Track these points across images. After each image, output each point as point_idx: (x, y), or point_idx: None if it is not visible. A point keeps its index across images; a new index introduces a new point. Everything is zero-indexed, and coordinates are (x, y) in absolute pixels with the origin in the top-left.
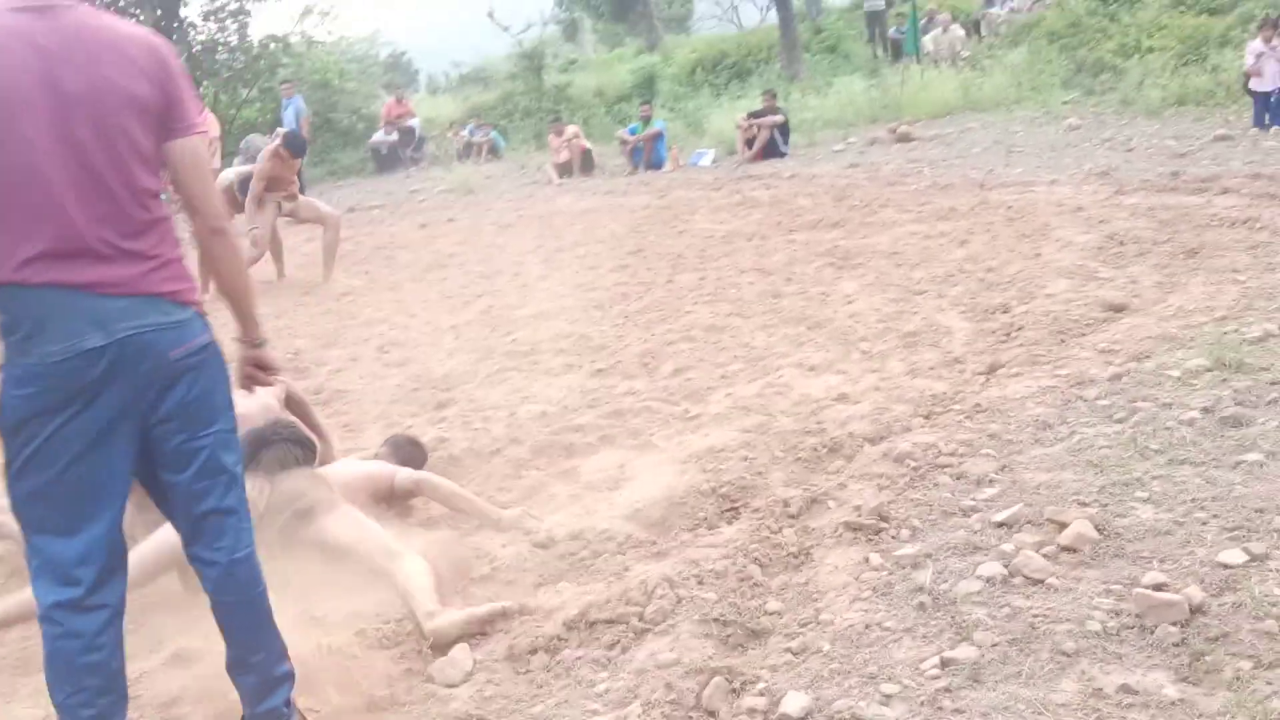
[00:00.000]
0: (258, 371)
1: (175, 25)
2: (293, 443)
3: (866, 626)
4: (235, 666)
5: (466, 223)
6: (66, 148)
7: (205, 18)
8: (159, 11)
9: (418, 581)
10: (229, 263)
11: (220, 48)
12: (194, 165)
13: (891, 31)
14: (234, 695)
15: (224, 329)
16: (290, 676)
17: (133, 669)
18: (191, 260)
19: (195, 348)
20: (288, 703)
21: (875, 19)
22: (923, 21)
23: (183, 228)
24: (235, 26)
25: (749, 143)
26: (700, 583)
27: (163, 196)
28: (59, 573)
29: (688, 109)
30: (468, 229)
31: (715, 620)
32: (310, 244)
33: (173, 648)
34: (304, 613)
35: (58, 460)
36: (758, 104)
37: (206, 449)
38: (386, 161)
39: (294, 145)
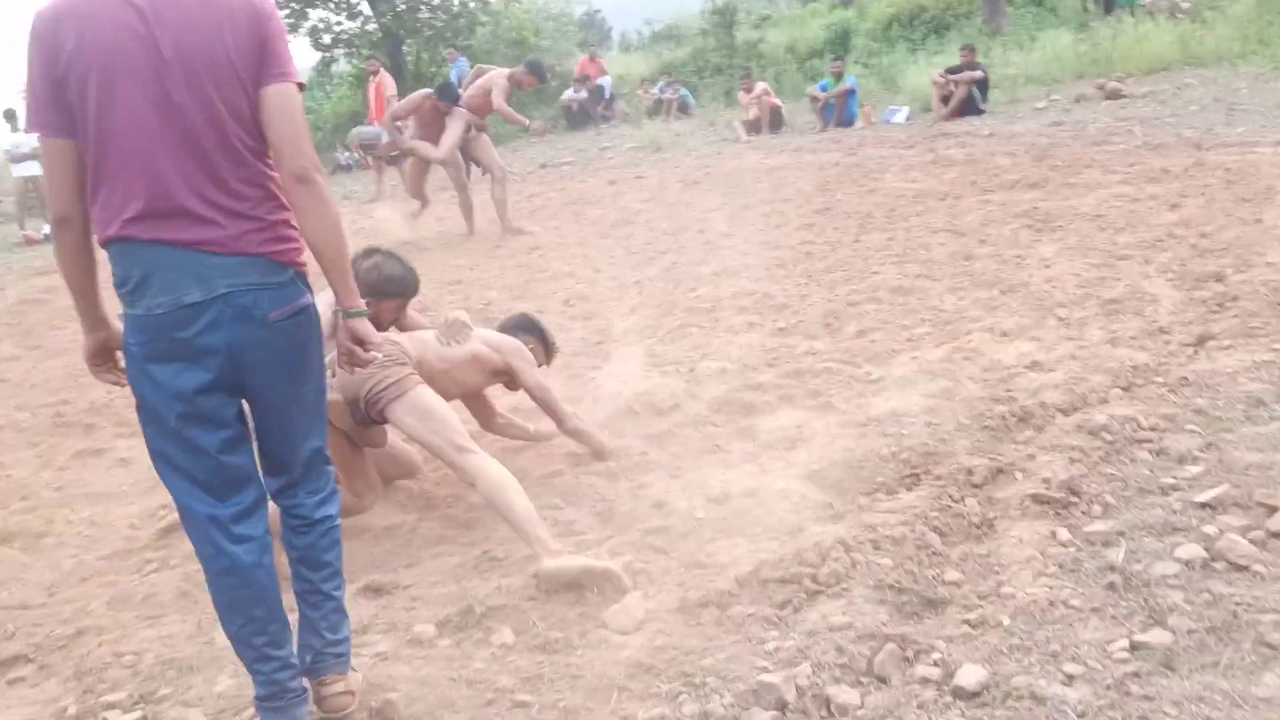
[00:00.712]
0: (355, 347)
1: None
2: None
3: (1051, 603)
4: (308, 595)
5: (654, 179)
6: (165, 109)
7: None
8: None
9: (529, 511)
10: (316, 214)
11: (423, 7)
12: (282, 110)
13: None
14: (419, 627)
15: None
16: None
17: None
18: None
19: (295, 309)
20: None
21: None
22: None
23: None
24: None
25: (945, 99)
26: (876, 548)
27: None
28: (212, 529)
29: (882, 65)
30: (655, 186)
31: (890, 586)
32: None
33: (364, 579)
34: (485, 554)
35: (171, 409)
36: (955, 59)
37: (298, 406)
38: (578, 119)
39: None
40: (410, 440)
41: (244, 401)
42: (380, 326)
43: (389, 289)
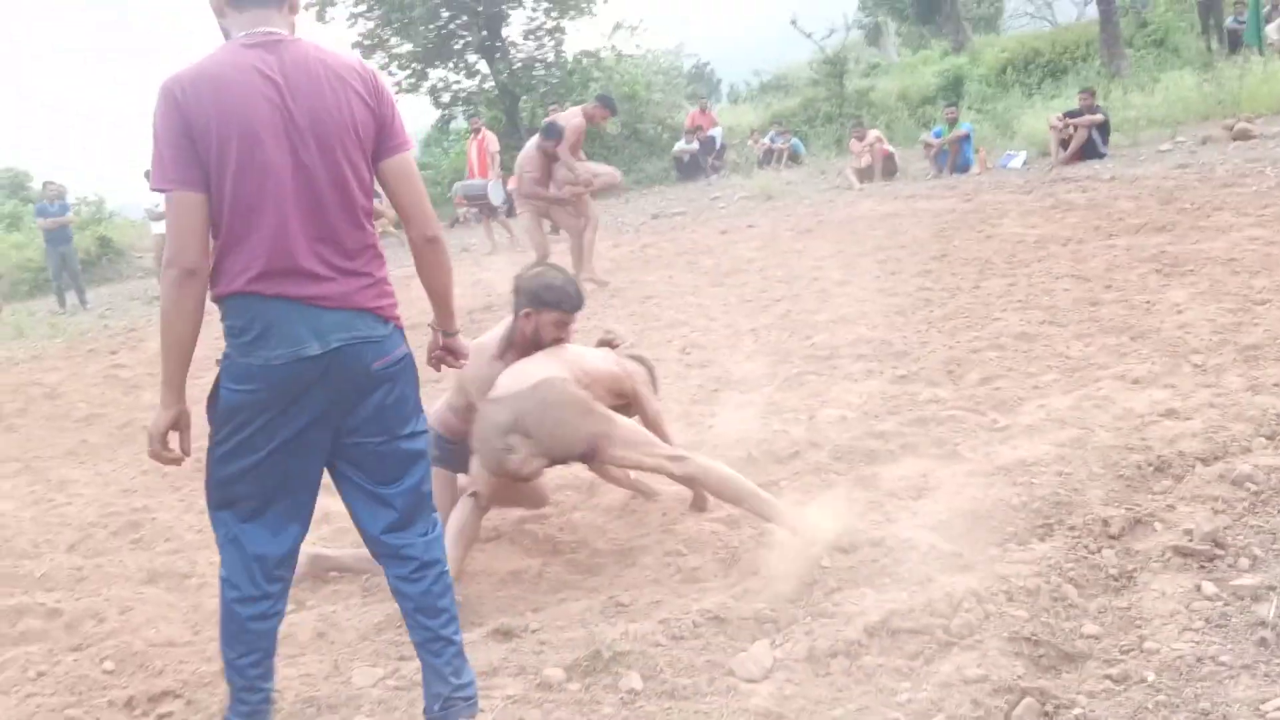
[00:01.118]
0: (447, 355)
1: (498, 44)
2: None
3: (1198, 659)
4: (429, 644)
5: (766, 228)
6: (297, 174)
7: (525, 36)
8: (484, 32)
9: (759, 493)
10: (439, 268)
11: (538, 64)
12: (406, 178)
13: (1229, 21)
14: (548, 670)
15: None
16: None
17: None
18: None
19: (394, 359)
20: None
21: (1209, 8)
22: (1266, 9)
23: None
24: (552, 44)
25: (1064, 144)
26: (1010, 599)
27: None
28: (255, 567)
29: (997, 110)
30: (767, 234)
31: (1026, 639)
32: (616, 250)
33: (493, 623)
34: (611, 599)
35: (260, 449)
36: (1073, 103)
37: (400, 450)
38: (689, 169)
39: (547, 132)
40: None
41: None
42: (542, 342)
43: (547, 298)
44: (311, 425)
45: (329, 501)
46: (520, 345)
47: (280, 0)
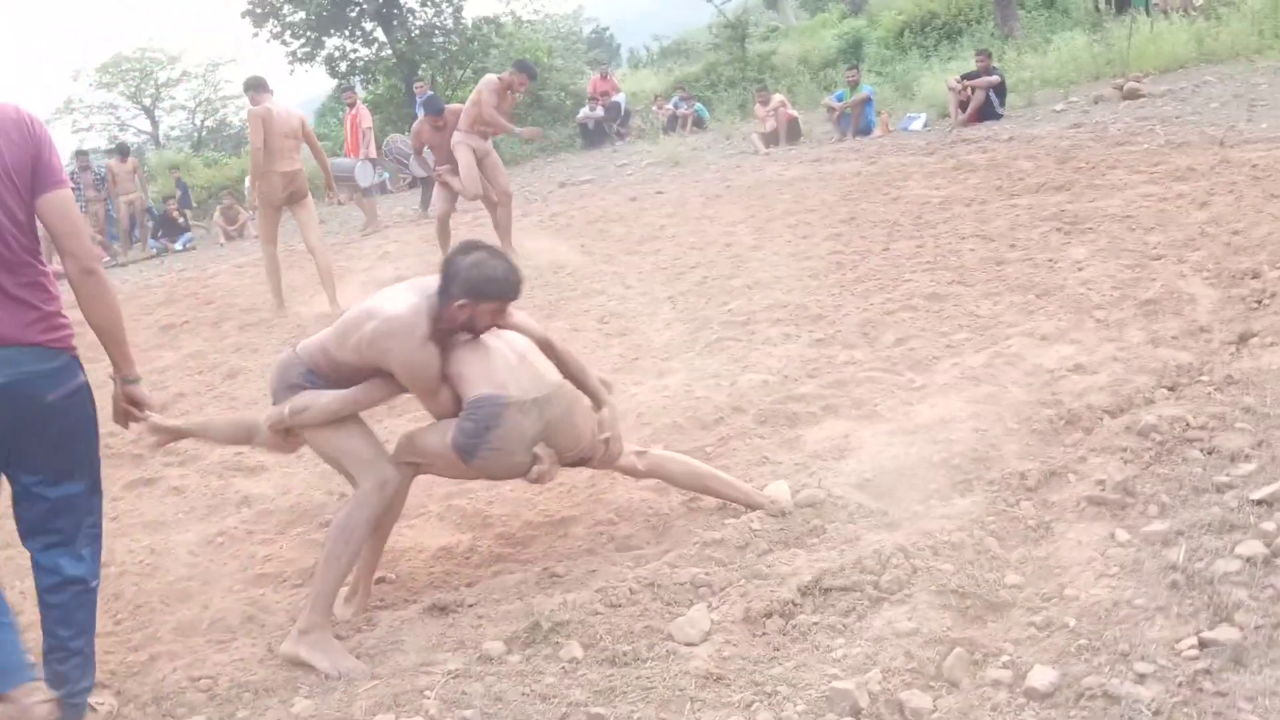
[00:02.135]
0: (131, 408)
1: (395, 11)
2: None
3: (1115, 604)
4: (54, 651)
5: (675, 195)
6: None
7: (422, 3)
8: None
9: (720, 475)
10: (99, 303)
11: (436, 31)
12: (63, 215)
13: None
14: (487, 644)
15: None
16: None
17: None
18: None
19: (70, 390)
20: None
21: None
22: None
23: None
24: (450, 10)
25: (963, 105)
26: (935, 554)
27: None
28: None
29: (896, 73)
30: (676, 201)
31: (953, 591)
32: (525, 219)
33: (428, 599)
34: (545, 570)
35: None
36: (970, 65)
37: (73, 471)
38: (594, 137)
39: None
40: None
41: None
42: (476, 330)
43: (490, 291)
44: None
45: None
46: (447, 331)
47: None
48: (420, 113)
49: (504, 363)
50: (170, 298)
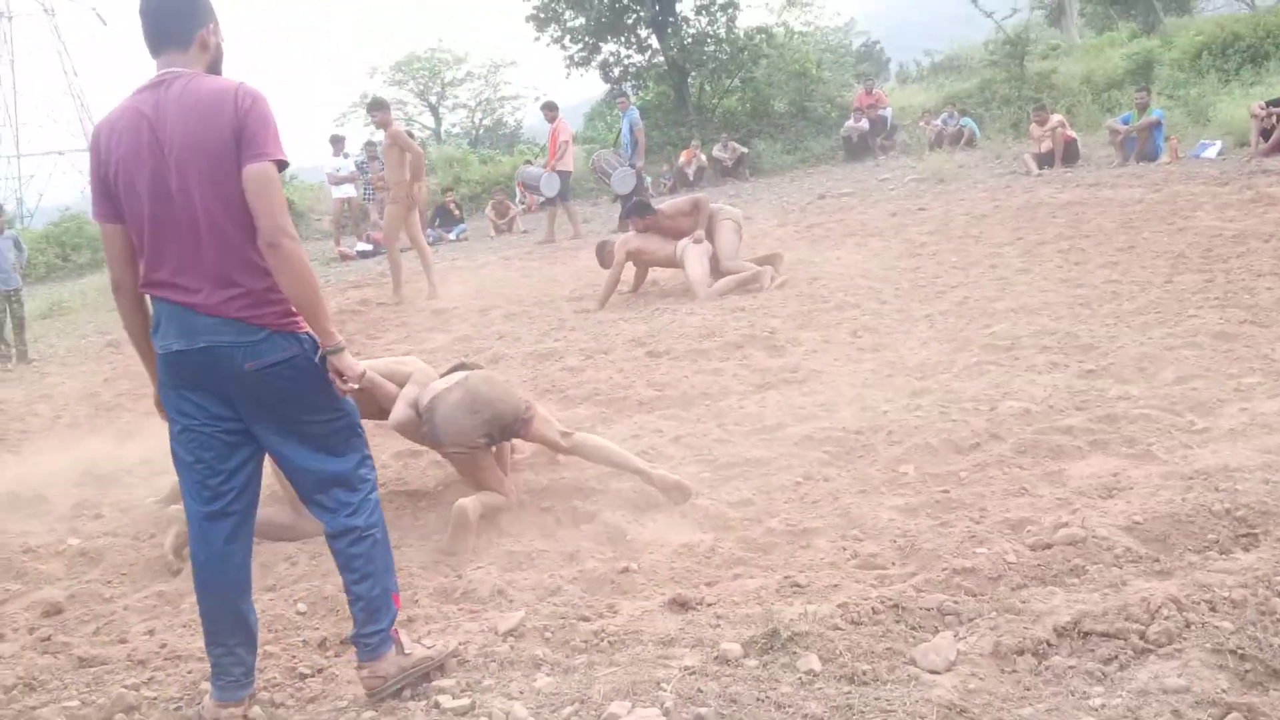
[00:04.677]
0: (335, 379)
1: (670, 19)
2: None
3: None
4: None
5: (939, 212)
6: (157, 199)
7: (697, 12)
8: (656, 7)
9: (626, 454)
10: (285, 276)
11: (709, 39)
12: (259, 187)
13: None
14: (725, 645)
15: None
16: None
17: None
18: None
19: (268, 363)
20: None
21: None
22: None
23: None
24: (724, 19)
25: (1265, 134)
26: (1213, 609)
27: None
28: None
29: (1190, 97)
30: (940, 218)
31: (1231, 652)
32: (782, 229)
33: (670, 593)
34: (787, 579)
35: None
36: (1276, 91)
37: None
38: (857, 149)
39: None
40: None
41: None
42: None
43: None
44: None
45: None
46: None
47: (184, 43)
48: None
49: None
50: (443, 282)
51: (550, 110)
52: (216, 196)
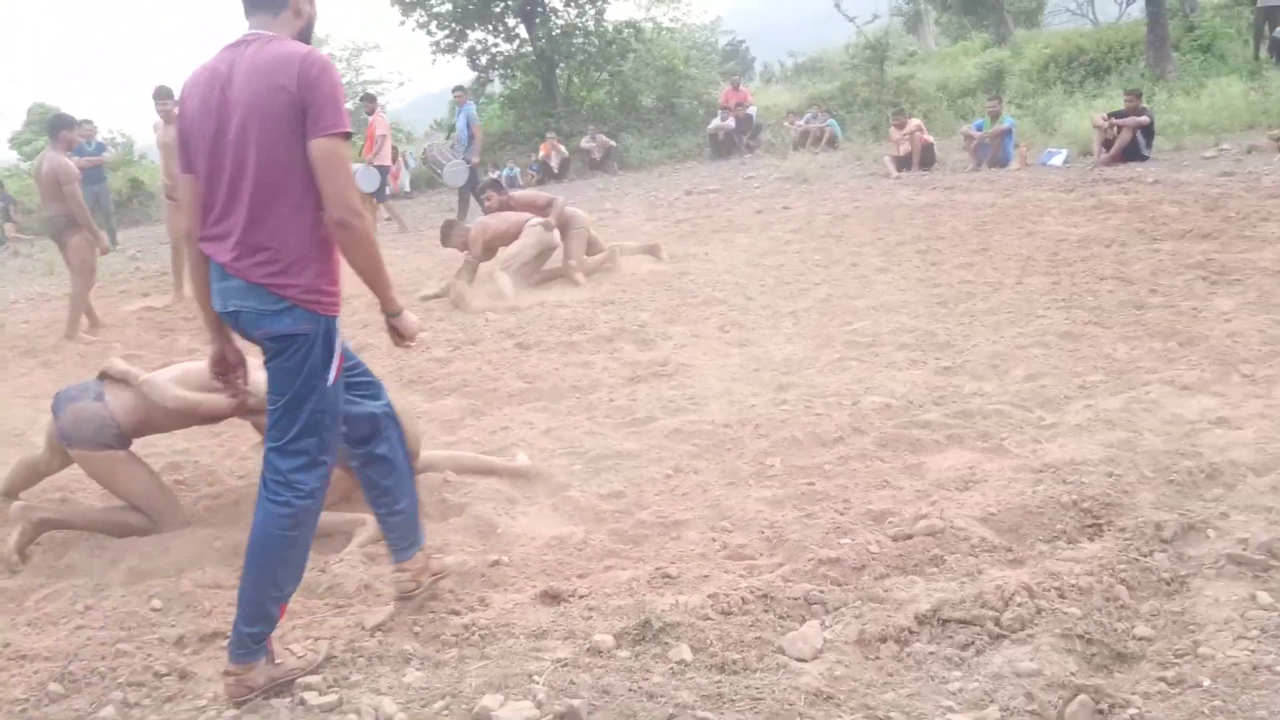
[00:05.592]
0: (394, 335)
1: (538, 9)
2: None
3: (1254, 667)
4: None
5: (802, 210)
6: (216, 155)
7: (565, 3)
8: None
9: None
10: (350, 251)
11: (578, 31)
12: (325, 162)
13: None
14: (597, 636)
15: None
16: None
17: None
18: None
19: (277, 334)
20: None
21: (1270, 15)
22: None
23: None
24: (593, 12)
25: (1107, 144)
26: (1062, 596)
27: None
28: None
29: (1038, 106)
30: (803, 217)
31: (1079, 636)
32: (650, 224)
33: (541, 584)
34: (658, 570)
35: None
36: (1116, 104)
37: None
38: (723, 147)
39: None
40: None
41: None
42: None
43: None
44: None
45: None
46: None
47: (278, 8)
48: None
49: None
50: None
51: (369, 102)
52: (269, 159)
